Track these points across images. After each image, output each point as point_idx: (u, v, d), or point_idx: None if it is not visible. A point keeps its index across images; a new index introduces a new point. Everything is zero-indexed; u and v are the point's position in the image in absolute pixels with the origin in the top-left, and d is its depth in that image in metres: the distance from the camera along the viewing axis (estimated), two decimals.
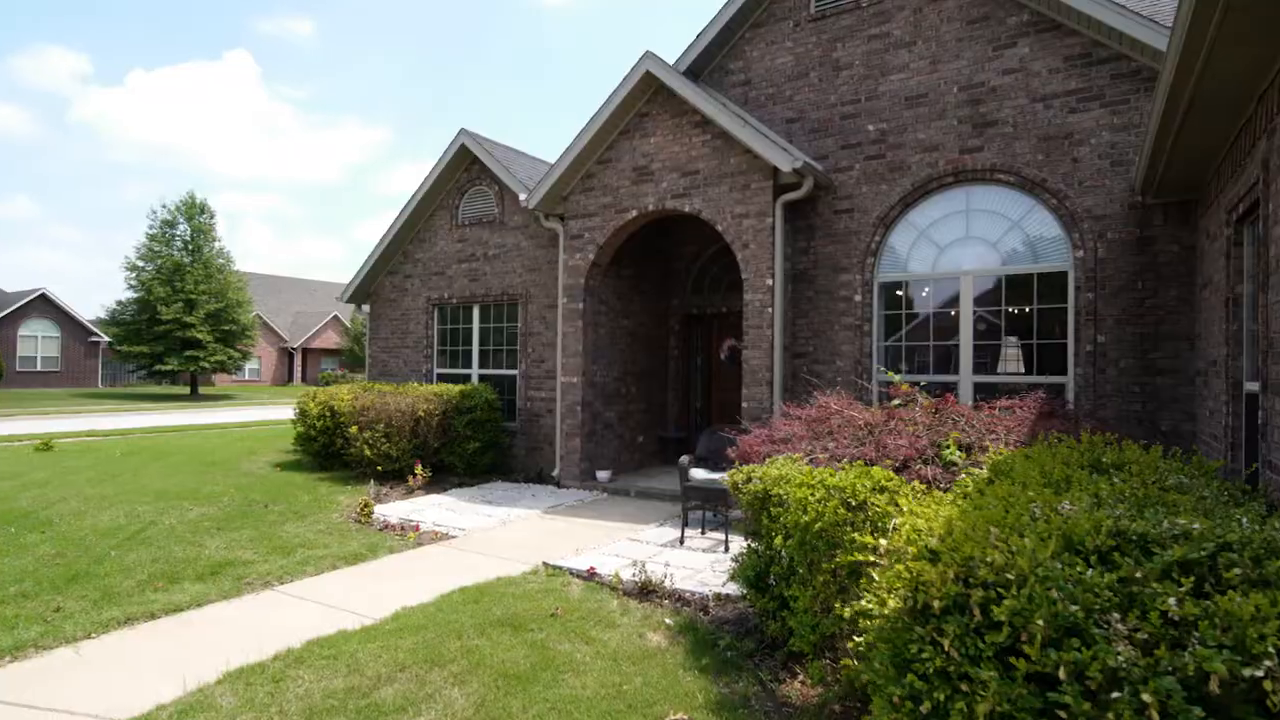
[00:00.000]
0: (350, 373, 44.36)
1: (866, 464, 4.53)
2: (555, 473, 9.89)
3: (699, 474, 7.50)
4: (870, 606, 2.17)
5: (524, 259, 11.13)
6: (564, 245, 9.94)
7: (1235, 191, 5.08)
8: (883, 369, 8.36)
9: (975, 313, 7.90)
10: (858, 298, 8.46)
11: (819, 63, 8.84)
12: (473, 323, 11.81)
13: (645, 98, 9.25)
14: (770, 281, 8.34)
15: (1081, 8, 7.11)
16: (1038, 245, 7.65)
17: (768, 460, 4.47)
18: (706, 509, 6.86)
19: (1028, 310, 7.69)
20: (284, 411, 24.60)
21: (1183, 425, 6.88)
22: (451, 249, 11.98)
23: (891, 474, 3.38)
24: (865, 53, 8.53)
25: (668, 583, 5.29)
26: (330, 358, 47.76)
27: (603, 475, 9.66)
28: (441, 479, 9.90)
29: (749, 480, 4.33)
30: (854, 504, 3.13)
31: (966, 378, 7.89)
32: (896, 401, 5.65)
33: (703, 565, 6.01)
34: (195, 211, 33.16)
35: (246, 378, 43.48)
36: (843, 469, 3.82)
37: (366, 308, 13.29)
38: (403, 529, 7.26)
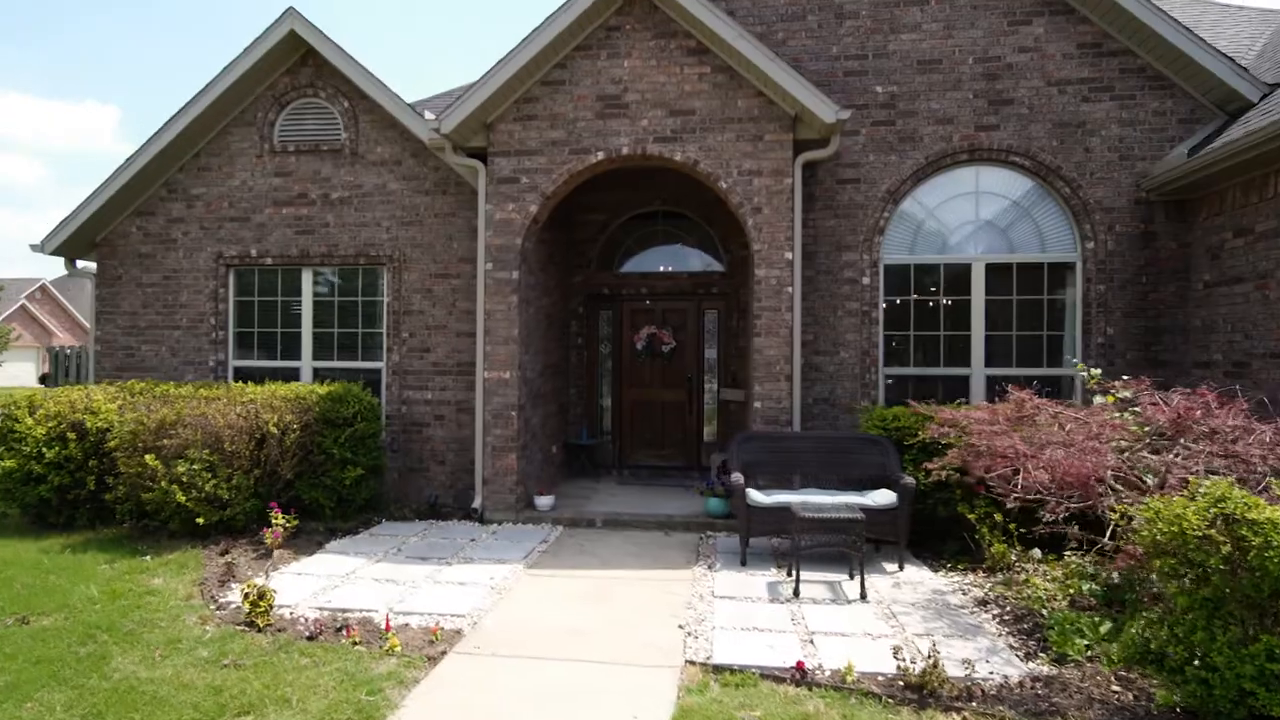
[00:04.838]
0: None
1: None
2: (477, 504, 7.15)
3: (759, 497, 5.78)
4: None
5: (395, 207, 7.99)
6: (486, 191, 7.23)
7: None
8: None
9: (987, 301, 7.42)
10: (865, 280, 7.46)
11: (818, 6, 7.60)
12: (302, 294, 8.20)
13: (616, 6, 7.09)
14: (790, 255, 6.89)
15: None
16: (1047, 234, 7.43)
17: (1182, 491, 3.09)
18: (815, 545, 5.18)
19: (1039, 301, 7.44)
20: None
21: None
22: (262, 185, 8.19)
23: None
24: (872, 4, 7.53)
25: (940, 670, 3.60)
26: None
27: (544, 503, 7.24)
28: (305, 527, 6.49)
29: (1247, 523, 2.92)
30: None
31: (979, 371, 7.38)
32: (1105, 396, 4.69)
33: (877, 626, 4.39)
34: None
35: None
36: None
37: (87, 264, 8.58)
38: (354, 630, 4.24)
